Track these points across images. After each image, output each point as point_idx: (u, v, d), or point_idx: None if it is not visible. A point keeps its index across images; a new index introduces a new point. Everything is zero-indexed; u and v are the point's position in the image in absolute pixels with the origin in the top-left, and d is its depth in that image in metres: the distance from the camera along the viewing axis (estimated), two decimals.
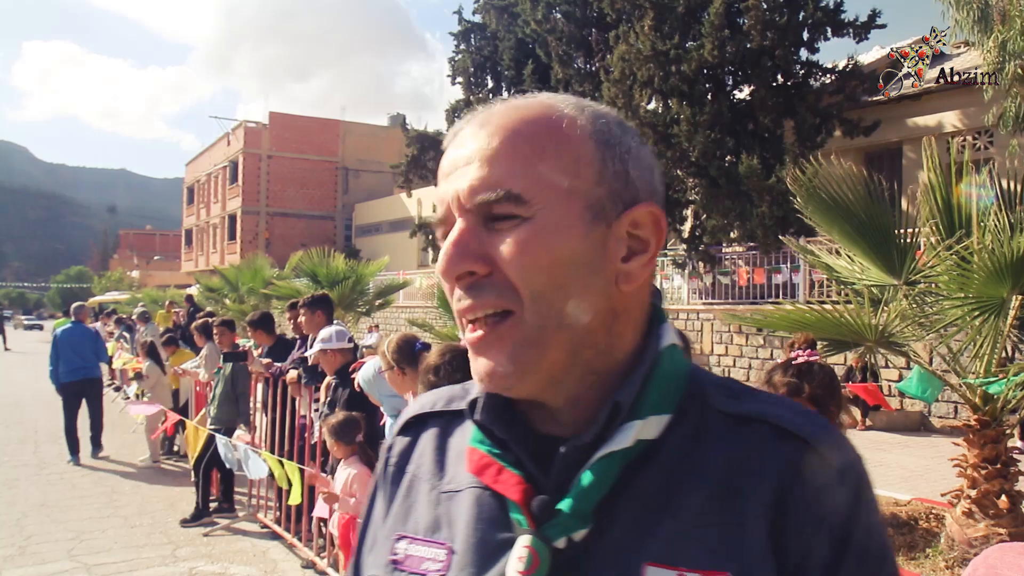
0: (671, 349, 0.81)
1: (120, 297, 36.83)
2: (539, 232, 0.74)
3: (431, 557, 0.81)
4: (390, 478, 0.92)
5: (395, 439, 0.95)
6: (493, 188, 0.74)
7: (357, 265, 13.76)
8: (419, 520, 0.85)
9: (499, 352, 0.75)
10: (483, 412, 0.81)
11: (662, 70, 14.71)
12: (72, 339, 9.84)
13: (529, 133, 0.77)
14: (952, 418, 10.49)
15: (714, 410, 0.78)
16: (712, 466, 0.75)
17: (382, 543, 0.87)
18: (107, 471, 8.93)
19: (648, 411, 0.76)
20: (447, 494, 0.84)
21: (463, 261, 0.75)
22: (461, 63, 22.01)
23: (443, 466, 0.87)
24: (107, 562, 5.72)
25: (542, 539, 0.74)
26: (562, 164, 0.76)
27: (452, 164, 0.78)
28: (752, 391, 0.81)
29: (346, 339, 5.35)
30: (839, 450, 0.75)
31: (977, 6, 10.37)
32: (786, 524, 0.72)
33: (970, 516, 4.98)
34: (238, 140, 42.43)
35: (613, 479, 0.74)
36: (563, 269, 0.75)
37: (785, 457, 0.74)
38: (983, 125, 12.83)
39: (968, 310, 4.77)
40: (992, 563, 1.76)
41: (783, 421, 0.76)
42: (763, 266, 14.28)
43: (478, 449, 0.81)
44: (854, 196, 5.16)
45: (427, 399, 0.96)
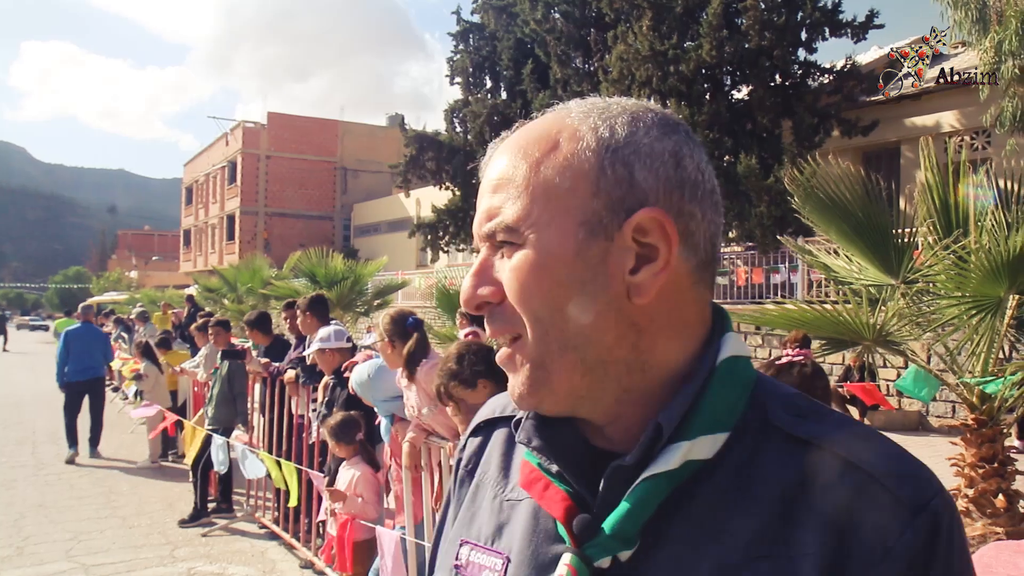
0: (731, 362, 0.75)
1: (118, 298, 36.79)
2: (529, 257, 0.74)
3: (490, 566, 0.81)
4: (460, 481, 0.94)
5: (467, 440, 0.96)
6: (491, 218, 0.77)
7: (356, 265, 13.75)
8: (482, 527, 0.85)
9: (516, 373, 0.77)
10: (524, 431, 0.80)
11: (660, 70, 14.72)
12: (83, 339, 9.97)
13: (523, 157, 0.76)
14: (950, 417, 10.50)
15: (775, 429, 0.73)
16: (769, 491, 0.70)
17: (449, 547, 0.89)
18: (105, 471, 8.93)
19: (698, 431, 0.72)
20: (510, 502, 0.84)
21: (475, 291, 0.78)
22: (460, 63, 22.02)
23: (508, 473, 0.87)
24: (105, 562, 5.72)
25: (582, 559, 0.72)
26: (553, 184, 0.74)
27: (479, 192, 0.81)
28: (820, 410, 0.75)
29: (344, 339, 5.35)
30: (913, 485, 0.68)
31: (975, 6, 10.39)
32: (843, 563, 0.66)
33: (967, 515, 4.98)
34: (236, 140, 42.42)
35: (659, 500, 0.71)
36: (558, 291, 0.73)
37: (849, 489, 0.68)
38: (981, 125, 12.84)
39: (965, 309, 4.77)
40: (987, 562, 1.77)
41: (849, 451, 0.70)
42: (761, 266, 14.28)
43: (529, 462, 0.81)
44: (852, 196, 5.16)
45: (498, 402, 0.95)
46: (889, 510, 0.67)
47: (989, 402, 4.99)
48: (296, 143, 42.07)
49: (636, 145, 0.74)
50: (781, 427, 0.73)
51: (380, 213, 38.70)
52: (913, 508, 0.66)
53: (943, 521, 0.67)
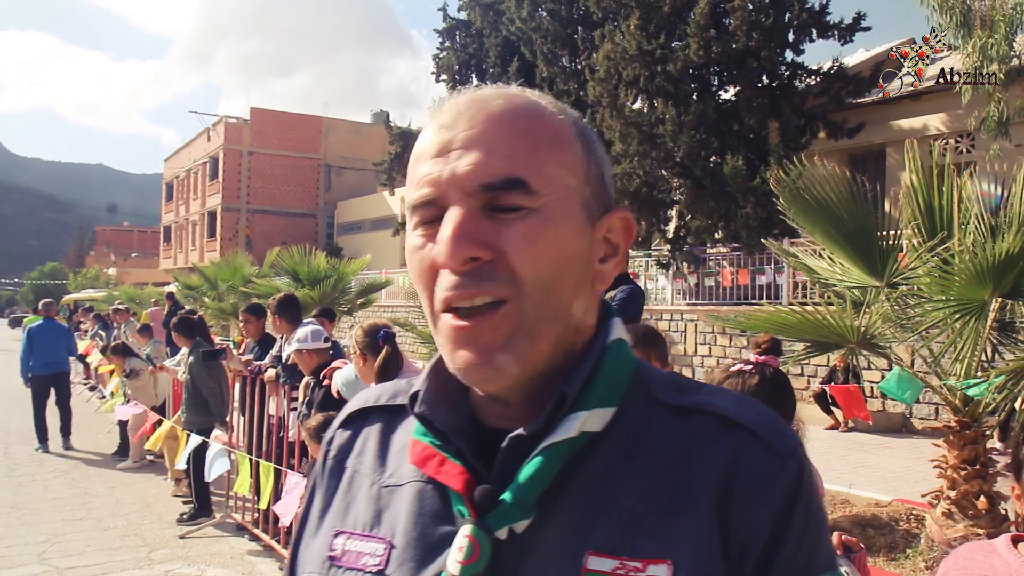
0: (619, 343, 0.82)
1: (96, 295, 36.42)
2: (547, 223, 0.75)
3: (369, 552, 0.80)
4: (329, 472, 0.91)
5: (336, 432, 0.94)
6: (500, 175, 0.74)
7: (339, 263, 13.67)
8: (359, 515, 0.84)
9: (492, 341, 0.74)
10: (423, 404, 0.80)
11: (648, 69, 14.71)
12: (44, 335, 10.41)
13: (531, 123, 0.77)
14: (933, 419, 10.55)
15: (659, 403, 0.79)
16: (656, 457, 0.76)
17: (321, 540, 0.86)
18: (80, 472, 8.81)
19: (594, 403, 0.76)
20: (388, 488, 0.84)
21: (471, 245, 0.73)
22: (446, 60, 21.95)
23: (385, 461, 0.87)
24: (80, 565, 5.63)
25: (483, 529, 0.73)
26: (562, 160, 0.78)
27: (444, 145, 0.76)
28: (697, 384, 0.82)
29: (322, 339, 5.29)
30: (781, 436, 0.77)
31: (960, 11, 10.44)
32: (731, 509, 0.73)
33: (950, 517, 4.99)
34: (218, 136, 42.11)
35: (556, 470, 0.74)
36: (565, 263, 0.76)
37: (730, 445, 0.75)
38: (965, 128, 12.91)
39: (949, 312, 4.77)
40: (963, 564, 1.76)
41: (726, 411, 0.77)
42: (747, 267, 14.31)
43: (421, 440, 0.81)
44: (837, 198, 5.15)
45: (371, 393, 0.95)
46: (765, 458, 0.75)
47: (972, 405, 5.00)
48: (279, 139, 41.83)
49: (600, 152, 0.83)
50: (664, 401, 0.79)
51: (364, 211, 38.54)
52: (783, 456, 0.75)
53: (804, 466, 0.76)
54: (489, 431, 0.80)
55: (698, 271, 15.26)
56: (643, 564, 0.71)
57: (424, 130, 0.80)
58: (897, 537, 5.71)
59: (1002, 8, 10.06)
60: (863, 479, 7.51)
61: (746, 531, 0.73)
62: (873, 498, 6.81)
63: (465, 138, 0.75)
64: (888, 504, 6.61)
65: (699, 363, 13.90)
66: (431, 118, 0.80)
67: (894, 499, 6.73)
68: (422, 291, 0.78)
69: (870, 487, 7.25)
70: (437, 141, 0.77)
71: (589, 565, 0.72)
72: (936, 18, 10.60)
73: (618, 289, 5.91)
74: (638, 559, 0.71)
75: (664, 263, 15.74)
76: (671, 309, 15.01)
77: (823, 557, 0.76)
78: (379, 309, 21.13)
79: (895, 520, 6.09)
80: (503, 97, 0.78)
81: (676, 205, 15.63)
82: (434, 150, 0.77)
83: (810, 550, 0.75)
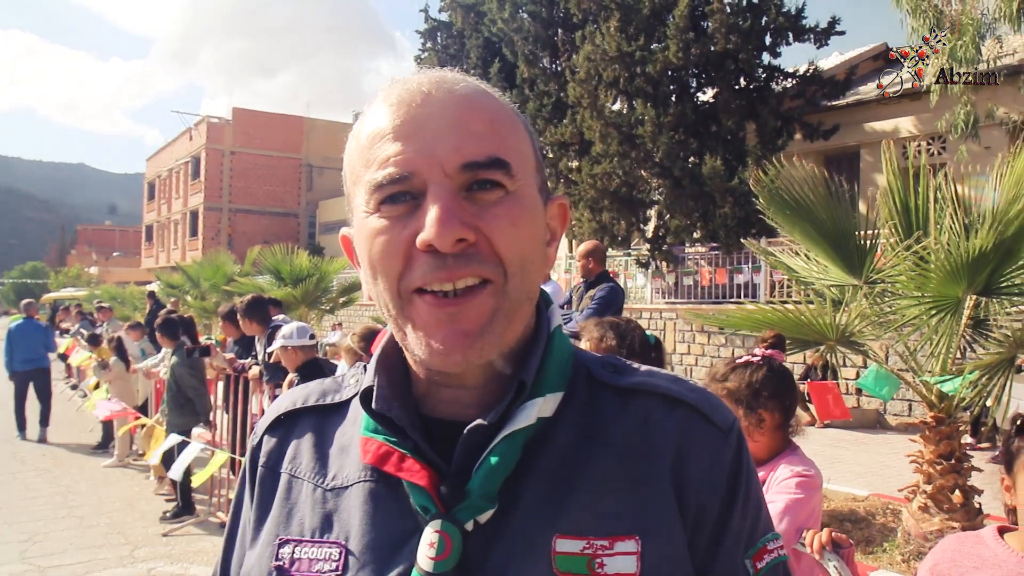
0: (559, 330, 0.83)
1: (77, 294, 36.07)
2: (523, 206, 0.76)
3: (323, 558, 0.78)
4: (260, 480, 0.87)
5: (262, 438, 0.90)
6: (484, 155, 0.74)
7: (321, 262, 13.67)
8: (304, 521, 0.81)
9: (474, 322, 0.73)
10: (380, 401, 0.78)
11: (627, 71, 14.81)
12: (24, 333, 11.04)
13: (497, 108, 0.78)
14: (907, 416, 10.72)
15: (602, 385, 0.82)
16: (611, 438, 0.78)
17: (260, 551, 0.82)
18: (62, 471, 8.75)
19: (547, 389, 0.78)
20: (334, 491, 0.81)
21: (460, 227, 0.72)
22: (427, 61, 21.93)
23: (325, 463, 0.83)
24: (62, 564, 5.60)
25: (453, 522, 0.73)
26: (524, 144, 0.80)
27: (415, 124, 0.74)
28: (630, 366, 0.85)
29: (307, 336, 5.31)
30: (718, 410, 0.81)
31: (932, 15, 10.61)
32: (685, 481, 0.77)
33: (925, 511, 5.08)
34: (200, 135, 41.85)
35: (516, 458, 0.75)
36: (536, 245, 0.78)
37: (678, 422, 0.79)
38: (936, 131, 13.11)
39: (925, 309, 4.87)
40: (951, 555, 1.82)
41: (669, 390, 0.81)
42: (725, 266, 14.46)
43: (374, 439, 0.78)
44: (815, 198, 5.24)
45: (297, 394, 0.91)
46: (711, 432, 0.79)
47: (947, 400, 5.10)
48: (261, 139, 41.62)
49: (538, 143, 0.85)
50: (607, 383, 0.82)
51: (346, 210, 38.44)
52: (725, 429, 0.80)
53: (742, 436, 0.82)
54: (433, 422, 0.80)
55: (677, 270, 15.40)
56: (610, 541, 0.73)
57: (376, 109, 0.78)
58: (874, 531, 5.81)
59: (971, 12, 10.25)
60: (840, 475, 7.62)
61: (699, 501, 0.77)
62: (850, 493, 6.90)
63: (440, 118, 0.74)
64: (865, 499, 6.72)
65: (678, 361, 14.01)
66: (381, 98, 0.78)
67: (871, 494, 6.84)
68: (385, 275, 0.75)
69: (847, 482, 7.36)
70: (402, 120, 0.74)
71: (558, 548, 0.73)
72: (910, 22, 10.76)
73: (599, 287, 5.99)
74: (605, 537, 0.73)
75: (643, 262, 15.85)
76: (650, 308, 15.12)
77: (763, 522, 0.82)
78: (361, 308, 21.09)
79: (872, 515, 6.19)
80: (464, 80, 0.79)
81: (655, 205, 15.75)
82: (401, 130, 0.74)
83: (754, 516, 0.80)
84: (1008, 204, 4.51)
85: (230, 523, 0.93)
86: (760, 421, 2.35)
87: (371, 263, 0.76)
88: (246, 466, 0.91)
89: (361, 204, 0.77)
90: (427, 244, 0.71)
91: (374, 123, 0.76)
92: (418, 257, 0.73)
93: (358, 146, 0.78)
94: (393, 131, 0.74)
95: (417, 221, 0.73)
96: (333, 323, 18.41)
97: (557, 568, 0.72)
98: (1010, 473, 1.80)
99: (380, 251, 0.75)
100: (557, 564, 0.72)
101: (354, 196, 0.79)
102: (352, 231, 0.83)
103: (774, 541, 0.82)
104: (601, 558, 0.73)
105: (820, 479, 2.34)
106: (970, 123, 11.31)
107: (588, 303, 5.89)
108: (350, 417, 0.86)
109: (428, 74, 0.79)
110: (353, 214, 0.81)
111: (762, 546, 0.81)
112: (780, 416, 2.38)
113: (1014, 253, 4.61)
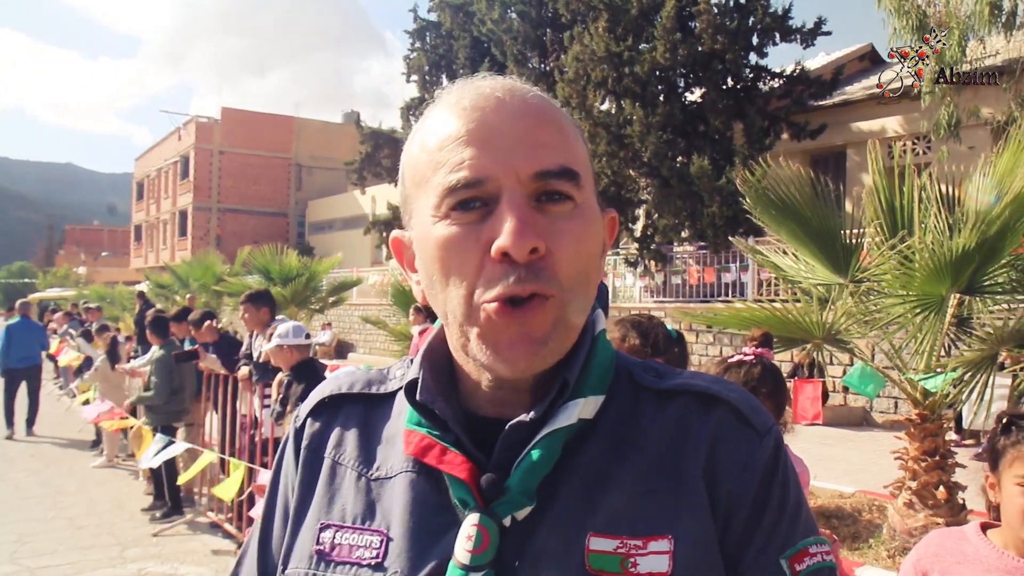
0: (603, 334, 0.84)
1: (65, 294, 35.87)
2: (588, 221, 0.77)
3: (364, 545, 0.79)
4: (304, 462, 0.88)
5: (306, 421, 0.91)
6: (556, 164, 0.74)
7: (310, 262, 13.67)
8: (347, 508, 0.82)
9: (540, 331, 0.74)
10: (424, 393, 0.80)
11: (616, 71, 14.86)
12: (21, 331, 11.40)
13: (565, 119, 0.79)
14: (893, 413, 10.81)
15: (643, 388, 0.83)
16: (648, 439, 0.79)
17: (304, 533, 0.83)
18: (52, 472, 8.72)
19: (588, 391, 0.78)
20: (378, 481, 0.82)
21: (534, 236, 0.72)
22: (416, 61, 21.92)
23: (370, 452, 0.85)
24: (51, 564, 5.59)
25: (491, 516, 0.74)
26: (586, 157, 0.80)
27: (488, 130, 0.74)
28: (673, 370, 0.86)
29: (303, 335, 5.32)
30: (758, 412, 0.82)
31: (915, 15, 10.69)
32: (716, 480, 0.77)
33: (911, 507, 5.14)
34: (189, 135, 41.70)
35: (556, 457, 0.76)
36: (595, 259, 0.79)
37: (714, 419, 0.80)
38: (920, 131, 13.21)
39: (910, 308, 4.93)
40: (935, 551, 1.84)
41: (709, 389, 0.81)
42: (713, 265, 14.53)
43: (417, 431, 0.80)
44: (802, 197, 5.28)
45: (344, 380, 0.92)
46: (748, 432, 0.80)
47: (932, 397, 5.15)
48: (250, 139, 41.49)
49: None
50: (648, 386, 0.83)
51: (335, 210, 38.36)
52: (762, 431, 0.80)
53: (780, 441, 0.82)
54: (477, 419, 0.81)
55: (665, 269, 15.47)
56: (644, 541, 0.74)
57: (445, 112, 0.78)
58: (860, 527, 5.86)
59: (955, 13, 10.34)
60: (827, 471, 7.68)
61: (730, 501, 0.77)
62: (837, 490, 6.96)
63: (515, 126, 0.74)
64: (851, 495, 6.77)
65: None
66: (451, 102, 0.78)
67: (857, 490, 6.90)
68: (460, 282, 0.74)
69: (834, 479, 7.41)
70: (477, 125, 0.75)
71: (592, 546, 0.74)
72: (893, 22, 10.85)
73: None
74: (639, 537, 0.74)
75: (632, 261, 15.91)
76: (639, 307, 15.17)
77: (804, 525, 0.80)
78: (350, 307, 21.07)
79: (858, 511, 6.25)
80: (532, 90, 0.79)
81: (644, 204, 15.82)
82: (476, 134, 0.74)
83: (792, 517, 0.79)
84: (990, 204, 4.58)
85: (267, 501, 0.93)
86: None
87: (443, 270, 0.75)
88: (288, 447, 0.91)
89: (427, 208, 0.76)
90: (502, 252, 0.71)
91: (444, 126, 0.76)
92: (491, 265, 0.73)
93: (424, 148, 0.78)
94: (467, 135, 0.74)
95: (490, 229, 0.73)
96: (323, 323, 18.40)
97: (590, 566, 0.73)
98: (995, 471, 1.82)
99: (455, 258, 0.74)
100: (590, 562, 0.73)
101: (417, 199, 0.79)
102: (410, 235, 0.83)
103: (819, 545, 0.79)
104: (635, 557, 0.74)
105: (808, 475, 2.37)
106: (953, 123, 11.41)
107: None
108: (396, 410, 0.87)
109: (499, 80, 0.79)
110: (414, 217, 0.80)
111: (803, 548, 0.78)
112: (775, 414, 2.41)
113: (996, 252, 4.67)
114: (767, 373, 2.44)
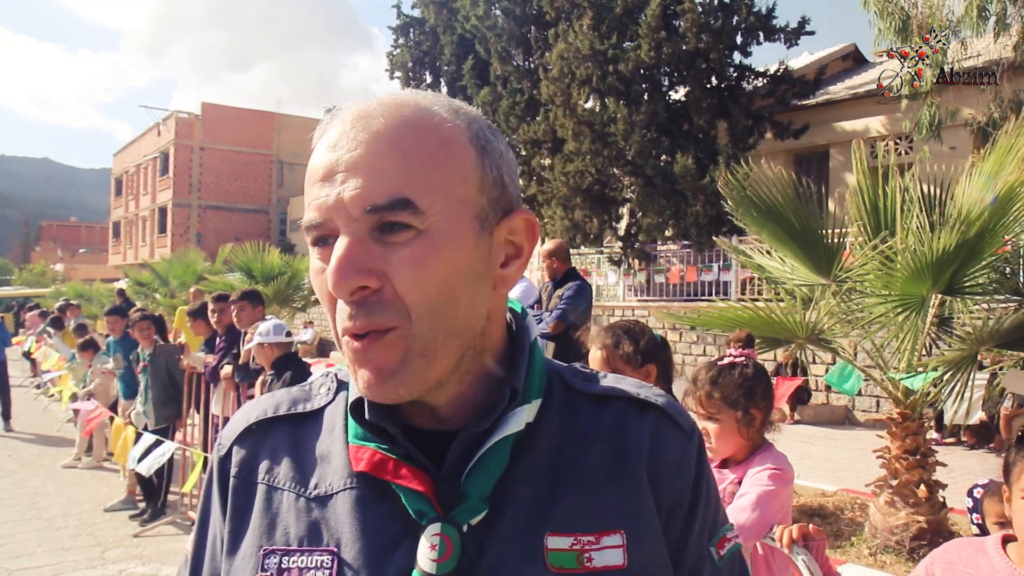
0: (536, 341, 0.88)
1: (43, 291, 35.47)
2: (436, 244, 0.74)
3: (315, 566, 0.78)
4: (234, 491, 0.86)
5: (231, 448, 0.89)
6: (386, 197, 0.72)
7: (292, 260, 13.58)
8: (290, 531, 0.81)
9: (385, 363, 0.75)
10: (373, 410, 0.79)
11: (600, 69, 14.87)
12: None
13: (416, 139, 0.75)
14: (874, 412, 10.89)
15: (577, 392, 0.87)
16: (592, 440, 0.83)
17: (241, 562, 0.82)
18: (29, 472, 8.62)
19: (532, 396, 0.82)
20: (318, 500, 0.81)
21: (357, 276, 0.72)
22: (400, 57, 21.82)
23: (305, 472, 0.84)
24: (30, 566, 5.53)
25: (453, 524, 0.76)
26: (450, 172, 0.76)
27: (329, 168, 0.75)
28: (595, 373, 0.91)
29: (284, 333, 5.28)
30: (682, 414, 0.88)
31: (899, 17, 10.77)
32: (658, 477, 0.83)
33: (892, 505, 5.18)
34: (169, 131, 41.32)
35: (506, 462, 0.79)
36: (457, 281, 0.76)
37: (650, 424, 0.85)
38: (903, 131, 13.31)
39: (892, 307, 4.97)
40: (949, 559, 1.81)
41: (639, 395, 0.87)
42: (696, 264, 14.59)
43: (366, 447, 0.79)
44: (784, 199, 5.30)
45: (266, 403, 0.91)
46: (678, 433, 0.86)
47: (913, 397, 5.20)
48: (231, 135, 41.19)
49: (500, 150, 0.81)
50: (581, 390, 0.87)
51: None
52: (689, 432, 0.87)
53: (702, 439, 0.90)
54: (415, 431, 0.81)
55: (649, 268, 15.51)
56: (596, 537, 0.78)
57: (315, 149, 0.78)
58: (842, 525, 5.90)
59: (938, 15, 10.42)
60: (809, 470, 7.73)
61: (672, 496, 0.83)
62: (819, 488, 7.01)
63: (349, 160, 0.74)
64: (833, 494, 6.82)
65: None
66: (319, 137, 0.79)
67: (839, 489, 6.95)
68: (328, 312, 0.77)
69: (816, 478, 7.47)
70: (323, 164, 0.75)
71: (549, 545, 0.77)
72: (877, 23, 10.92)
73: (566, 287, 6.03)
74: (591, 533, 0.78)
75: (615, 260, 15.94)
76: (622, 305, 15.21)
77: (722, 514, 0.91)
78: None
79: (840, 509, 6.29)
80: (386, 112, 0.76)
81: (627, 203, 15.84)
82: (320, 173, 0.75)
83: (715, 508, 0.89)
84: (970, 206, 4.62)
85: (197, 533, 0.92)
86: (752, 420, 2.40)
87: (321, 298, 0.79)
88: (213, 477, 0.90)
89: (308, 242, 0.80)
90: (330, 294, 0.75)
91: (310, 164, 0.79)
92: (338, 301, 0.75)
93: (304, 185, 0.80)
94: (315, 175, 0.77)
95: None
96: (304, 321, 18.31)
97: (551, 564, 0.77)
98: (1008, 484, 1.80)
99: (319, 290, 0.78)
100: (550, 560, 0.77)
101: None
102: None
103: (731, 531, 0.91)
104: (589, 552, 0.78)
105: (792, 474, 2.39)
106: (935, 124, 11.50)
107: (557, 302, 5.93)
108: (326, 426, 0.86)
109: (355, 108, 0.77)
110: None
111: (723, 535, 0.89)
112: (766, 414, 2.44)
113: (976, 254, 4.72)
114: (759, 374, 2.48)
